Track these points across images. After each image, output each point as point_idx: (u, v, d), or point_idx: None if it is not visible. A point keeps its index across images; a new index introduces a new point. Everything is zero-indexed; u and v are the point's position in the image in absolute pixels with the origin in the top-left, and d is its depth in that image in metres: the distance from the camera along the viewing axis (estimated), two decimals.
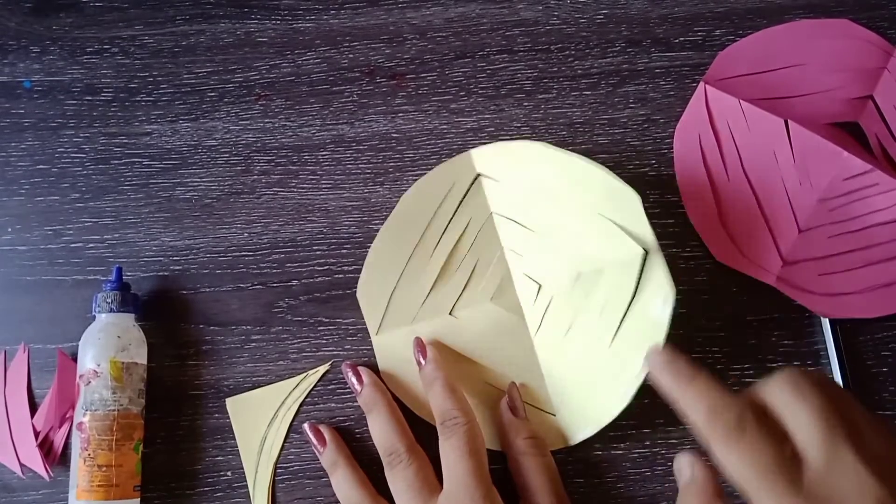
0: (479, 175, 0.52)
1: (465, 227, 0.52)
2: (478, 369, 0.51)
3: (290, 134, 0.55)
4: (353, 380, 0.50)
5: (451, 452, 0.45)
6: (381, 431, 0.48)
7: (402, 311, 0.52)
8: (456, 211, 0.52)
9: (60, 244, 0.54)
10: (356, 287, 0.52)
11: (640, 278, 0.48)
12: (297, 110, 0.55)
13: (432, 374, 0.49)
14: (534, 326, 0.51)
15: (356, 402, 0.51)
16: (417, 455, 0.47)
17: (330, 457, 0.49)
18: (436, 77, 0.55)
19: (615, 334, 0.49)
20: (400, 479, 0.46)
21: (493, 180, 0.52)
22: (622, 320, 0.49)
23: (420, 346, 0.50)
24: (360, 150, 0.55)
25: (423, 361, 0.50)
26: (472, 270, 0.52)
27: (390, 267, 0.52)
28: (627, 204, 0.49)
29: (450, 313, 0.52)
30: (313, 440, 0.50)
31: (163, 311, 0.53)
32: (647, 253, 0.48)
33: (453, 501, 0.44)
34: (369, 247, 0.53)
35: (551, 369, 0.50)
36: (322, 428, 0.50)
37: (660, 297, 0.48)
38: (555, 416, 0.50)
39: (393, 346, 0.51)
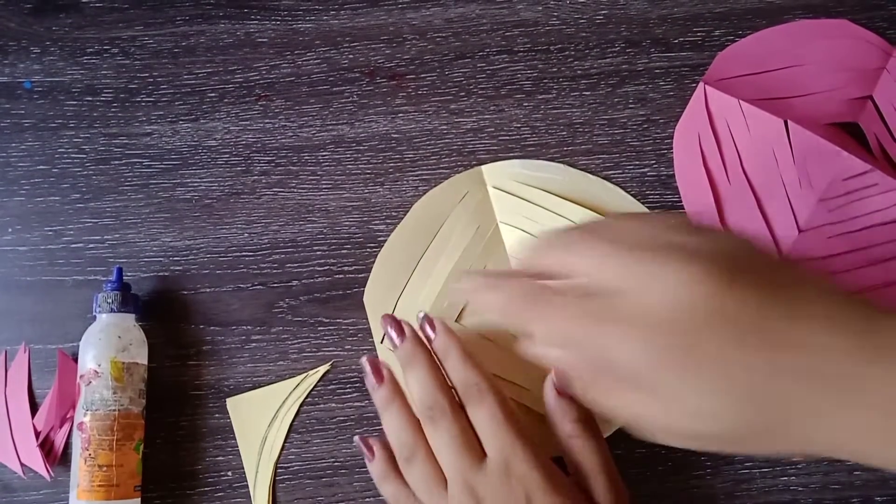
0: (488, 187, 0.53)
1: (472, 236, 0.52)
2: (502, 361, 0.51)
3: (291, 134, 0.55)
4: (393, 333, 0.47)
5: (489, 420, 0.43)
6: (423, 386, 0.44)
7: (407, 318, 0.51)
8: (464, 221, 0.52)
9: (61, 244, 0.54)
10: (356, 287, 0.52)
11: None
12: (297, 111, 0.55)
13: (446, 343, 0.46)
14: None
15: (356, 402, 0.51)
16: (461, 414, 0.44)
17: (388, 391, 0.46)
18: (436, 77, 0.55)
19: None
20: (444, 432, 0.43)
21: (503, 191, 0.52)
22: None
23: (429, 320, 0.47)
24: (360, 150, 0.55)
25: (431, 334, 0.46)
26: None
27: (397, 274, 0.52)
28: None
29: (456, 321, 0.52)
30: (370, 374, 0.47)
31: (163, 311, 0.53)
32: None
33: (504, 471, 0.41)
34: (370, 247, 0.53)
35: None
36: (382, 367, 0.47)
37: None
38: None
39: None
